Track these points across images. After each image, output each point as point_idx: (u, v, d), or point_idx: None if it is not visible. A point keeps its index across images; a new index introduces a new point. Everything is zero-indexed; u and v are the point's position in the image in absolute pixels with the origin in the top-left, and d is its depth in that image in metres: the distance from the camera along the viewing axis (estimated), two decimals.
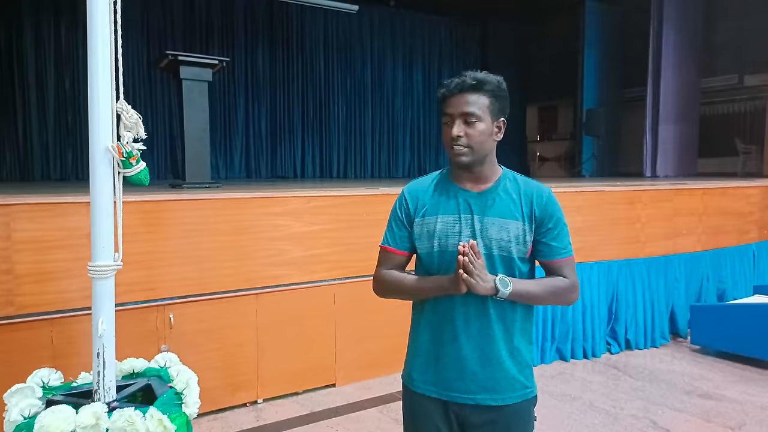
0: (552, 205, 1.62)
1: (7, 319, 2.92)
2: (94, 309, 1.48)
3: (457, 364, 1.61)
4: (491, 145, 1.61)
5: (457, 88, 1.57)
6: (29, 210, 3.01)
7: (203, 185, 4.51)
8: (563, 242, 1.63)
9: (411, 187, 1.72)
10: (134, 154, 1.52)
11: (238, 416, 3.50)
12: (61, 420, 1.31)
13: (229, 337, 3.55)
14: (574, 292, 1.65)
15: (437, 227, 1.61)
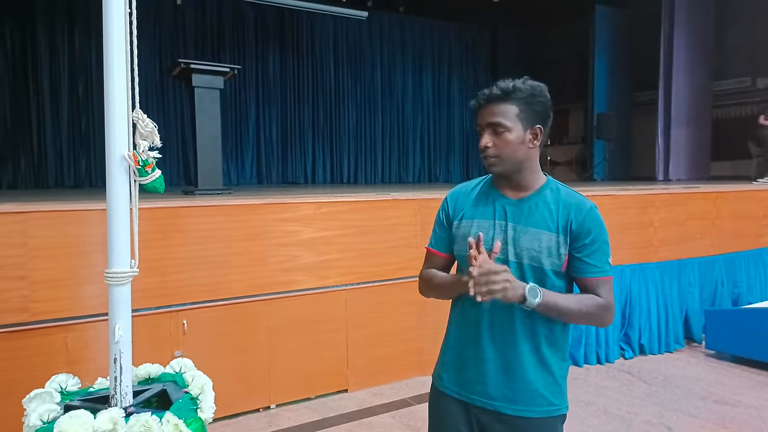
0: (591, 221, 1.56)
1: (23, 325, 2.96)
2: (111, 315, 1.50)
3: (479, 368, 1.61)
4: (526, 153, 1.57)
5: (485, 98, 1.56)
6: (44, 217, 3.05)
7: (215, 192, 4.56)
8: (600, 261, 1.56)
9: (454, 191, 1.74)
10: (150, 162, 1.54)
11: (251, 421, 3.51)
12: (79, 425, 1.33)
13: (242, 343, 3.57)
14: (609, 312, 1.58)
15: (472, 231, 1.61)
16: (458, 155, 11.00)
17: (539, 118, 1.57)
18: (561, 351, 1.63)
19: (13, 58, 7.24)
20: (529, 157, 1.59)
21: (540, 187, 1.61)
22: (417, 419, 3.59)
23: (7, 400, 2.72)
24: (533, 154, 1.60)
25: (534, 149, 1.59)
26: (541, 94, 1.57)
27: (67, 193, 5.89)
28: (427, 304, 4.36)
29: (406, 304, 4.27)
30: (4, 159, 7.17)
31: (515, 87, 1.54)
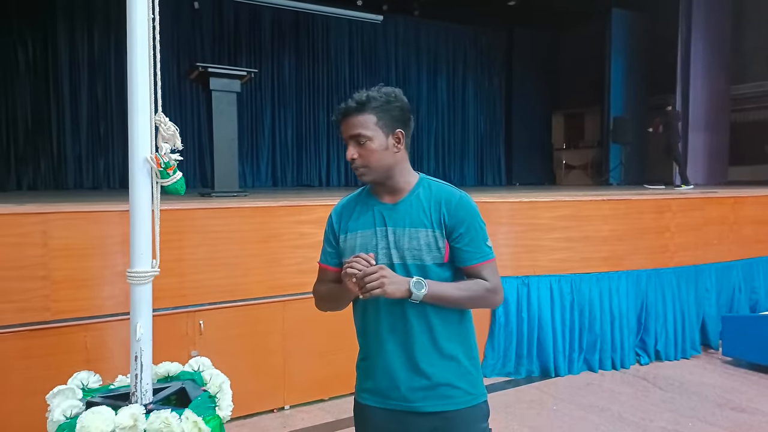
0: (462, 209, 1.60)
1: (44, 323, 3.02)
2: (132, 314, 1.53)
3: (388, 373, 1.62)
4: (392, 158, 1.60)
5: (342, 113, 1.60)
6: (65, 218, 3.11)
7: (231, 194, 4.61)
8: (478, 246, 1.60)
9: (337, 206, 1.78)
10: (171, 165, 1.57)
11: (265, 421, 3.54)
12: (100, 421, 1.36)
13: (257, 344, 3.61)
14: (497, 294, 1.62)
15: (357, 242, 1.65)
16: (472, 158, 10.99)
17: (399, 123, 1.61)
18: (465, 345, 1.64)
19: (34, 62, 7.37)
20: (397, 160, 1.62)
21: (413, 188, 1.64)
22: None
23: (29, 396, 2.78)
24: (400, 158, 1.63)
25: (400, 152, 1.62)
26: (397, 99, 1.62)
27: (86, 194, 5.99)
28: None
29: None
30: (25, 160, 7.30)
31: (369, 97, 1.57)
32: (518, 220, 4.52)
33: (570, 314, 4.55)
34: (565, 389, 4.21)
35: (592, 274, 4.62)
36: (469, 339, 1.67)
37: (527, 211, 4.54)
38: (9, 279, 2.94)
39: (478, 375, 1.68)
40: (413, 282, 1.50)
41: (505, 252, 4.47)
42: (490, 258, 1.61)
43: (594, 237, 4.67)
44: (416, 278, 1.52)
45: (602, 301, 4.63)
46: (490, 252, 1.61)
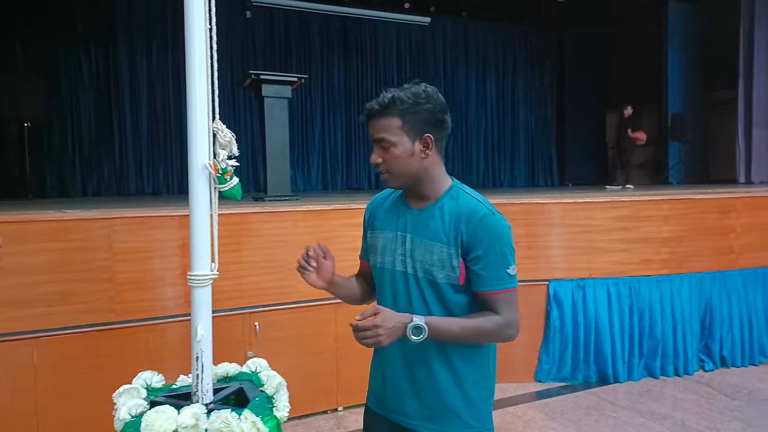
0: (483, 229, 1.44)
1: (109, 324, 3.14)
2: (193, 315, 1.57)
3: (395, 386, 1.58)
4: (419, 164, 1.49)
5: (366, 114, 1.51)
6: (128, 223, 3.23)
7: (284, 198, 4.68)
8: (495, 272, 1.45)
9: (372, 200, 1.73)
10: (228, 170, 1.61)
11: (319, 422, 3.57)
12: (164, 420, 1.39)
13: (311, 345, 3.64)
14: (508, 329, 1.47)
15: (380, 242, 1.60)
16: (523, 159, 10.80)
17: (428, 126, 1.47)
18: (479, 368, 1.54)
19: (98, 76, 7.71)
20: (425, 167, 1.50)
21: (440, 196, 1.52)
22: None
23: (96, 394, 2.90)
24: (429, 164, 1.50)
25: (429, 158, 1.49)
26: (428, 99, 1.47)
27: (147, 199, 6.21)
28: None
29: None
30: (90, 168, 7.64)
31: (394, 98, 1.45)
32: (572, 221, 4.40)
33: (629, 318, 4.39)
34: (624, 396, 4.07)
35: (652, 277, 4.45)
36: (486, 366, 1.57)
37: (582, 212, 4.41)
38: (76, 281, 3.08)
39: (486, 407, 1.57)
40: (411, 328, 1.39)
41: (558, 254, 4.37)
42: (508, 288, 1.46)
43: (654, 238, 4.49)
44: (416, 322, 1.40)
45: (663, 304, 4.45)
46: (509, 281, 1.46)
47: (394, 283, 1.55)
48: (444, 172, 1.56)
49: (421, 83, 1.50)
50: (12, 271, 2.91)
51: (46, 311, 3.00)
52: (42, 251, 3.00)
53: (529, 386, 4.24)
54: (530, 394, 4.12)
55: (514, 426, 3.56)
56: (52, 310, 3.01)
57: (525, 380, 4.31)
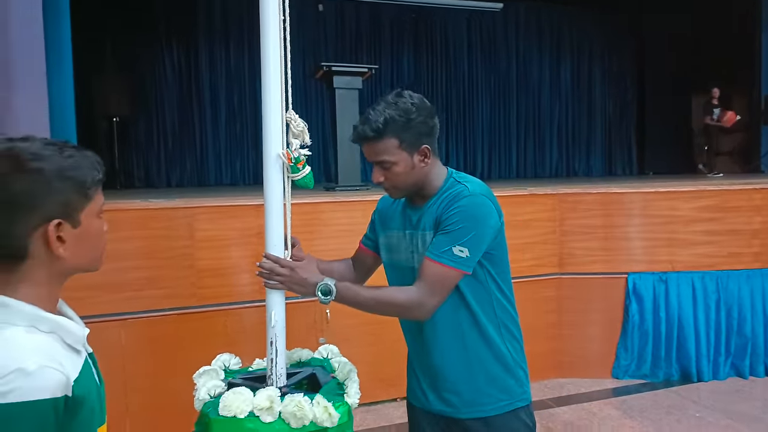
0: (455, 205, 1.47)
1: (190, 308, 3.29)
2: (268, 301, 1.60)
3: (423, 377, 1.63)
4: (420, 173, 1.54)
5: (359, 140, 1.52)
6: (208, 212, 3.36)
7: (354, 188, 4.72)
8: (442, 242, 1.45)
9: (380, 201, 1.77)
10: (301, 160, 1.61)
11: (388, 410, 3.60)
12: (241, 401, 1.43)
13: (382, 334, 3.66)
14: (419, 308, 1.47)
15: (389, 242, 1.66)
16: (600, 148, 10.36)
17: (424, 137, 1.52)
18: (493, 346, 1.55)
19: (180, 73, 8.09)
20: (426, 173, 1.55)
21: (439, 190, 1.56)
22: (557, 422, 3.45)
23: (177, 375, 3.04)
24: (429, 169, 1.55)
25: (428, 165, 1.54)
26: (418, 111, 1.50)
27: (225, 190, 6.46)
28: (565, 301, 4.17)
29: (542, 302, 4.13)
30: (174, 161, 8.05)
31: (387, 121, 1.46)
32: (654, 212, 4.17)
33: (716, 315, 4.13)
34: (709, 395, 3.84)
35: (742, 271, 4.16)
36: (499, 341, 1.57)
37: (664, 202, 4.18)
38: (161, 267, 3.24)
39: (510, 379, 1.58)
40: (320, 286, 1.48)
41: (638, 246, 4.17)
42: (443, 262, 1.44)
43: (744, 230, 4.19)
44: (326, 282, 1.48)
45: (754, 301, 4.15)
46: (449, 257, 1.43)
47: (403, 278, 1.59)
48: (440, 168, 1.60)
49: (405, 93, 1.54)
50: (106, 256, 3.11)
51: (134, 295, 3.18)
52: (130, 238, 3.18)
53: (606, 383, 4.08)
54: (606, 390, 3.97)
55: (589, 423, 3.45)
56: (140, 294, 3.19)
57: (601, 376, 4.15)
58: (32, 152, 0.89)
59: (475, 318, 1.55)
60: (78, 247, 0.95)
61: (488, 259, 1.54)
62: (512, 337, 1.61)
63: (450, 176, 1.58)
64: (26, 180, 0.88)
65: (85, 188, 0.94)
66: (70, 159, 0.92)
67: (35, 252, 0.91)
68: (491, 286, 1.56)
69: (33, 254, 0.91)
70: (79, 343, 0.97)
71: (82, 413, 0.90)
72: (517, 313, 1.64)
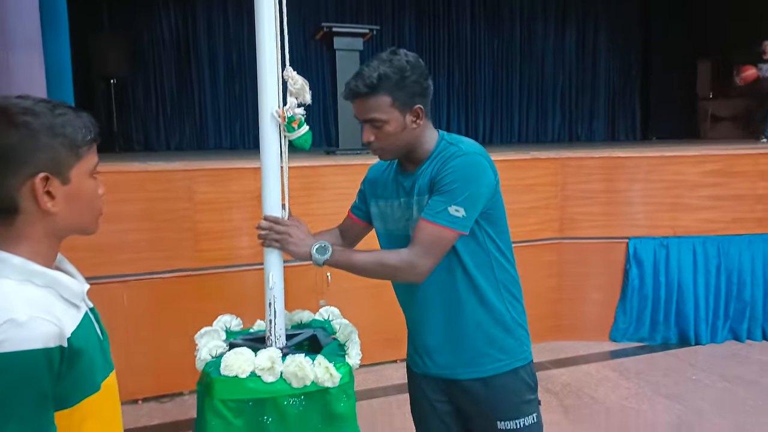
0: (449, 165, 1.43)
1: (190, 270, 3.29)
2: (266, 263, 1.59)
3: (420, 334, 1.62)
4: (412, 134, 1.49)
5: (351, 96, 1.48)
6: (207, 174, 3.33)
7: (355, 151, 4.66)
8: (438, 203, 1.42)
9: (371, 168, 1.74)
10: (296, 119, 1.57)
11: (389, 371, 3.64)
12: (242, 361, 1.44)
13: (382, 296, 3.65)
14: (413, 269, 1.44)
15: (381, 210, 1.63)
16: (603, 112, 10.21)
17: (417, 97, 1.48)
18: (492, 308, 1.54)
19: (177, 36, 7.91)
20: (417, 135, 1.51)
21: (431, 154, 1.52)
22: (555, 383, 3.48)
23: (177, 335, 3.05)
24: (421, 131, 1.51)
25: (420, 127, 1.50)
26: (413, 69, 1.46)
27: (225, 153, 6.39)
28: (565, 266, 4.17)
29: (543, 266, 4.13)
30: (173, 124, 7.95)
31: (381, 77, 1.42)
32: (657, 176, 4.13)
33: (716, 279, 4.13)
34: (706, 359, 3.87)
35: (744, 236, 4.14)
36: (511, 288, 1.58)
37: (669, 167, 4.13)
38: (161, 230, 3.23)
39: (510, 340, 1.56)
40: (316, 246, 1.47)
41: (640, 211, 4.14)
42: (438, 222, 1.41)
43: (747, 195, 4.16)
44: (323, 243, 1.47)
45: (755, 266, 4.15)
46: (444, 217, 1.41)
47: (399, 247, 1.53)
48: (432, 131, 1.56)
49: (400, 51, 1.49)
50: (105, 218, 3.06)
51: (135, 257, 3.17)
52: (130, 200, 3.16)
53: (603, 345, 4.12)
54: (604, 353, 4.00)
55: (586, 384, 3.48)
56: (140, 256, 3.18)
57: (599, 339, 4.18)
58: (23, 107, 0.90)
59: (473, 280, 1.52)
60: (69, 206, 0.96)
61: (485, 219, 1.50)
62: (512, 297, 1.59)
63: (442, 138, 1.55)
64: (15, 134, 0.88)
65: (76, 146, 0.94)
66: (62, 117, 0.93)
67: (26, 207, 0.92)
68: (489, 246, 1.53)
69: (24, 209, 0.92)
70: (77, 297, 0.98)
71: (81, 364, 0.92)
72: (517, 273, 1.62)
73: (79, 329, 0.94)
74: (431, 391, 1.64)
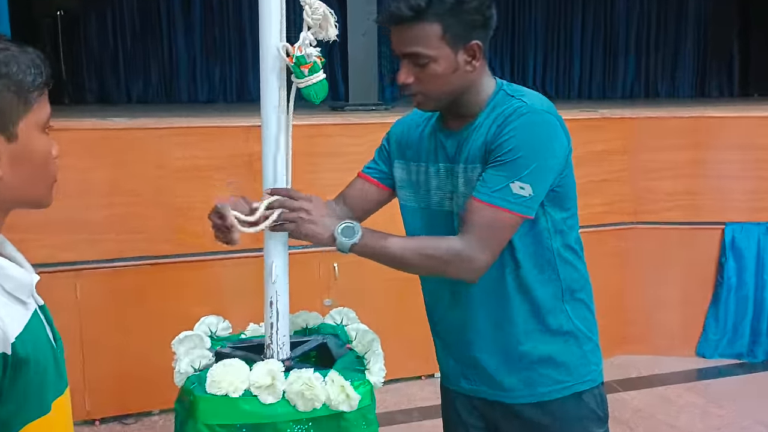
0: (511, 128, 1.39)
1: (164, 258, 3.29)
2: (267, 250, 1.57)
3: (447, 349, 1.65)
4: (463, 79, 1.45)
5: (390, 20, 1.43)
6: (185, 134, 3.37)
7: (369, 107, 4.63)
8: (496, 179, 1.38)
9: (400, 120, 1.72)
10: (308, 61, 1.50)
11: (412, 389, 3.69)
12: (234, 376, 1.42)
13: (404, 294, 3.63)
14: (463, 266, 1.40)
15: (412, 177, 1.61)
16: (690, 62, 10.06)
17: (475, 30, 1.43)
18: (561, 293, 1.54)
19: None
20: (470, 81, 1.47)
21: (484, 108, 1.49)
22: (625, 410, 3.48)
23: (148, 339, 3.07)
24: (476, 76, 1.48)
25: (475, 70, 1.46)
26: None
27: (202, 108, 6.38)
28: (638, 258, 4.12)
29: (609, 259, 4.10)
30: (135, 70, 7.92)
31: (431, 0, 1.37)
32: (763, 142, 4.05)
33: None
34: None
35: None
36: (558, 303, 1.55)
37: None
38: (125, 205, 3.23)
39: (574, 355, 1.56)
40: (342, 227, 1.41)
41: (737, 188, 4.12)
42: (498, 205, 1.37)
43: None
44: (349, 222, 1.42)
45: None
46: (508, 198, 1.37)
47: (435, 227, 1.55)
48: (489, 78, 1.53)
49: None
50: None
51: (91, 239, 3.17)
52: (85, 168, 3.15)
53: (688, 362, 4.12)
54: (688, 372, 4.01)
55: (664, 411, 3.48)
56: (98, 238, 3.18)
57: (682, 354, 4.17)
58: None
59: (527, 280, 1.50)
60: (17, 169, 0.93)
61: (551, 200, 1.47)
62: (579, 302, 1.58)
63: (500, 89, 1.51)
64: None
65: (24, 91, 0.92)
66: (3, 53, 0.90)
67: None
68: (553, 237, 1.51)
69: None
70: (23, 291, 0.96)
71: (28, 378, 0.90)
72: (587, 272, 1.61)
73: (25, 332, 0.91)
74: (468, 415, 1.65)
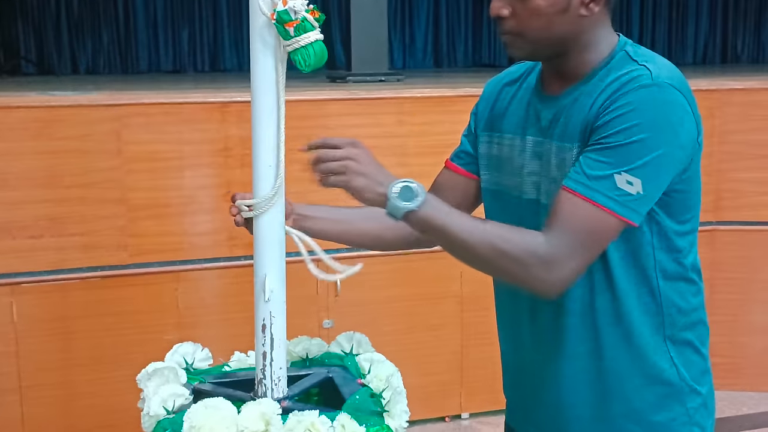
0: (626, 102, 1.32)
1: (120, 268, 3.28)
2: (257, 259, 1.56)
3: (533, 388, 1.64)
4: (574, 26, 1.41)
5: None
6: (145, 113, 3.34)
7: (377, 78, 4.62)
8: (595, 167, 1.32)
9: (492, 82, 1.72)
10: (292, 19, 1.49)
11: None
12: (217, 421, 1.40)
13: (420, 315, 3.64)
14: (542, 271, 1.33)
15: (492, 151, 1.62)
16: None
17: None
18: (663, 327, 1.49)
19: None
20: (582, 30, 1.43)
21: (596, 68, 1.44)
22: None
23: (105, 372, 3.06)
24: (590, 24, 1.43)
25: (592, 17, 1.41)
26: None
27: (166, 79, 6.38)
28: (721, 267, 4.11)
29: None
30: (82, 33, 7.94)
31: None
32: None
33: None
34: None
35: None
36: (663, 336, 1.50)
37: None
38: (71, 202, 3.22)
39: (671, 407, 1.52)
40: (399, 185, 1.34)
41: None
42: (598, 201, 1.30)
43: None
44: (408, 181, 1.34)
45: None
46: (610, 193, 1.30)
47: (515, 215, 1.50)
48: (610, 33, 1.49)
49: None
50: None
51: (29, 245, 3.17)
52: (21, 153, 3.15)
53: None
54: None
55: None
56: (38, 244, 3.17)
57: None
58: None
59: (623, 308, 1.46)
60: None
61: (663, 206, 1.40)
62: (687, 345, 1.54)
63: (621, 49, 1.47)
64: None
65: None
66: None
67: None
68: (658, 253, 1.45)
69: None
70: None
71: None
72: (704, 306, 1.57)
73: None
74: None
